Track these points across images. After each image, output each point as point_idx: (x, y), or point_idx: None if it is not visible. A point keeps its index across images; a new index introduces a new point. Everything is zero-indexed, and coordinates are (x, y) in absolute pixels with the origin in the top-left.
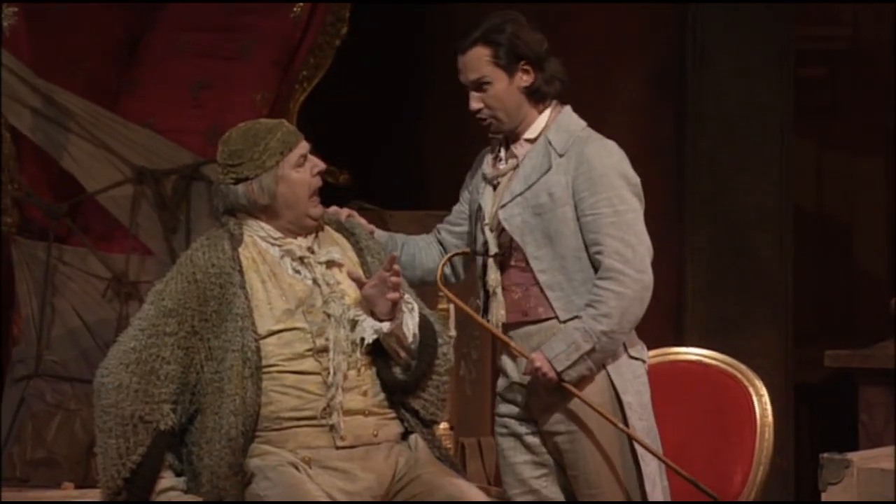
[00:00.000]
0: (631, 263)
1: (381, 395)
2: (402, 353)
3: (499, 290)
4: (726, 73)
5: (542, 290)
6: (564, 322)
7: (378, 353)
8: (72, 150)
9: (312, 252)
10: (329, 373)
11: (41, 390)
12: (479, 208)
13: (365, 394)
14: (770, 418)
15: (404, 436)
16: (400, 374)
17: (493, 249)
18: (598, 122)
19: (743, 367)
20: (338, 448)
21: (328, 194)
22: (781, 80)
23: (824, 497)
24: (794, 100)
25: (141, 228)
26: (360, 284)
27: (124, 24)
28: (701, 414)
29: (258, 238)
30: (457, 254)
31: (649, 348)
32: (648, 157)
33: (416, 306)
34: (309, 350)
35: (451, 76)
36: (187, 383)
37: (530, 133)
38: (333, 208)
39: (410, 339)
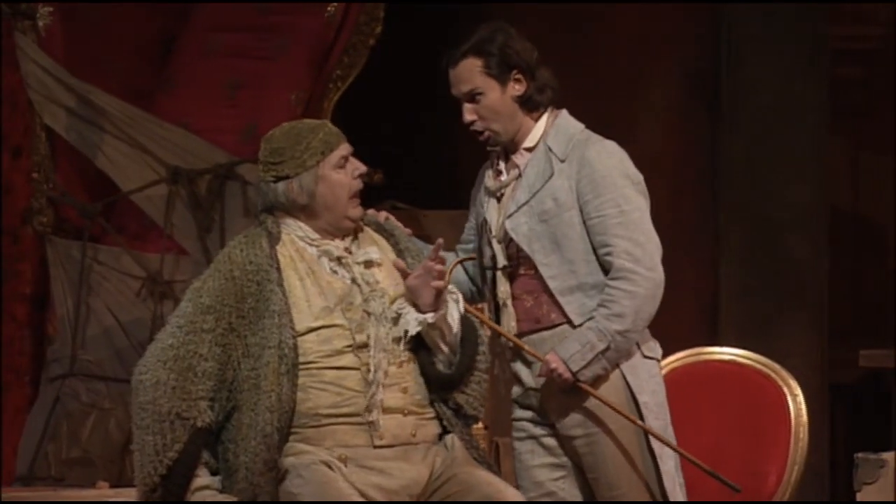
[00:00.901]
0: (641, 262)
1: (421, 394)
2: (445, 347)
3: (509, 302)
4: (760, 73)
5: (552, 296)
6: (578, 326)
7: (419, 349)
8: (107, 149)
9: (350, 252)
10: (370, 369)
11: (76, 389)
12: (485, 222)
13: (405, 391)
14: (805, 418)
15: (441, 436)
16: (443, 369)
17: (502, 261)
18: (631, 123)
19: (777, 366)
20: (375, 447)
21: (361, 193)
22: (816, 80)
23: (859, 497)
24: (829, 100)
25: (175, 228)
26: (404, 275)
27: (159, 24)
28: (735, 414)
29: (296, 237)
30: (462, 260)
31: (683, 348)
32: (682, 158)
33: (459, 296)
34: (348, 346)
35: None
36: (224, 380)
37: (528, 142)
38: (371, 211)
39: (455, 329)
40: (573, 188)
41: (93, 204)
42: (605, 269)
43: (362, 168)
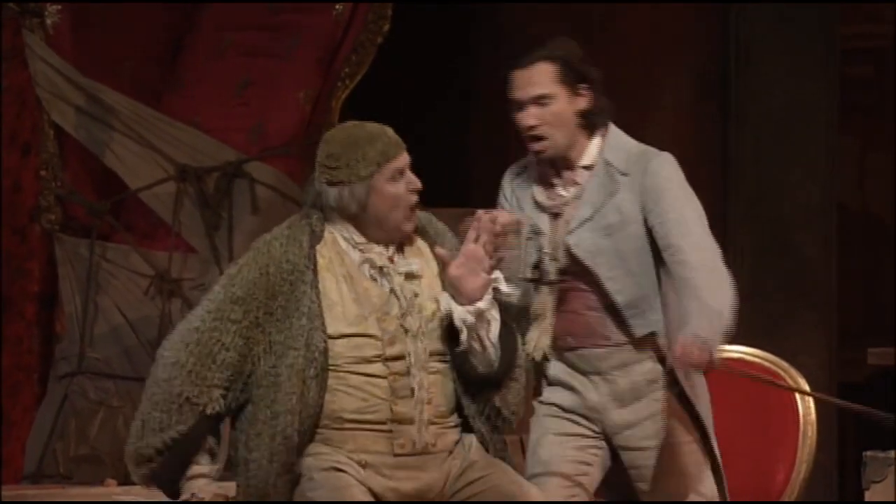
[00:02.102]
0: (714, 259)
1: (445, 405)
2: (488, 342)
3: (548, 315)
4: (771, 72)
5: (616, 311)
6: (641, 338)
7: (455, 357)
8: (115, 147)
9: (393, 262)
10: (413, 389)
11: (84, 387)
12: (534, 236)
13: (430, 402)
14: (813, 416)
15: (457, 441)
16: (483, 370)
17: (553, 276)
18: (643, 121)
19: (786, 364)
20: (396, 455)
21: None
22: (826, 80)
23: (868, 495)
24: (840, 98)
25: (183, 226)
26: (445, 265)
27: (167, 23)
28: (744, 412)
29: (341, 238)
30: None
31: None
32: (692, 156)
33: (501, 277)
34: (378, 356)
35: (493, 73)
36: (242, 372)
37: (586, 160)
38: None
39: (497, 317)
40: (636, 200)
41: (101, 202)
42: (672, 273)
43: (417, 183)
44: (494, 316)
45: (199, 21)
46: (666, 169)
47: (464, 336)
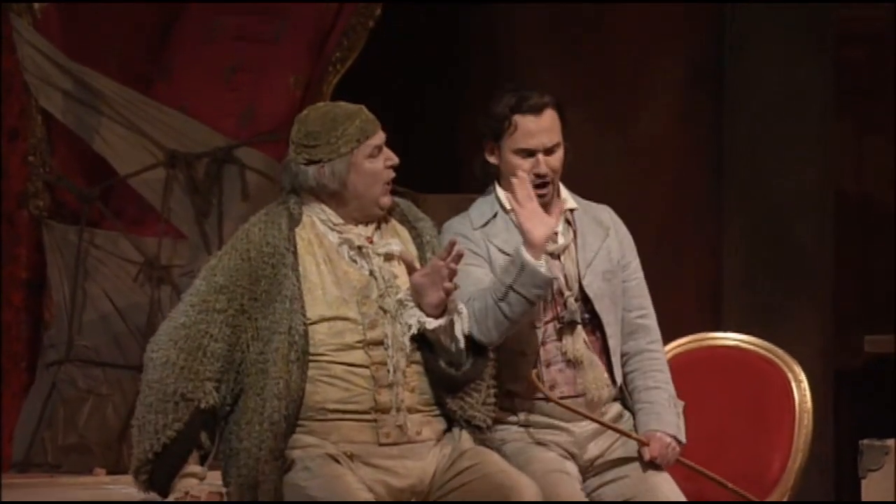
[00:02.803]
0: None
1: (428, 392)
2: (451, 348)
3: (593, 359)
4: (765, 56)
5: (609, 357)
6: (619, 387)
7: (423, 345)
8: (104, 133)
9: (372, 242)
10: (389, 370)
11: (72, 375)
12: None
13: (412, 390)
14: (809, 404)
15: (446, 431)
16: (446, 368)
17: (579, 318)
18: (636, 109)
19: (782, 352)
20: (381, 444)
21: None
22: (821, 63)
23: (864, 484)
24: (835, 82)
25: (173, 212)
26: (410, 270)
27: (157, 8)
28: (739, 400)
29: (318, 220)
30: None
31: (686, 334)
32: (687, 144)
33: (465, 311)
34: (359, 342)
35: (485, 58)
36: (232, 362)
37: (570, 203)
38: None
39: (461, 342)
40: (619, 249)
41: (90, 188)
42: (631, 330)
43: (394, 159)
44: (455, 335)
45: (189, 5)
46: (623, 223)
47: (430, 335)
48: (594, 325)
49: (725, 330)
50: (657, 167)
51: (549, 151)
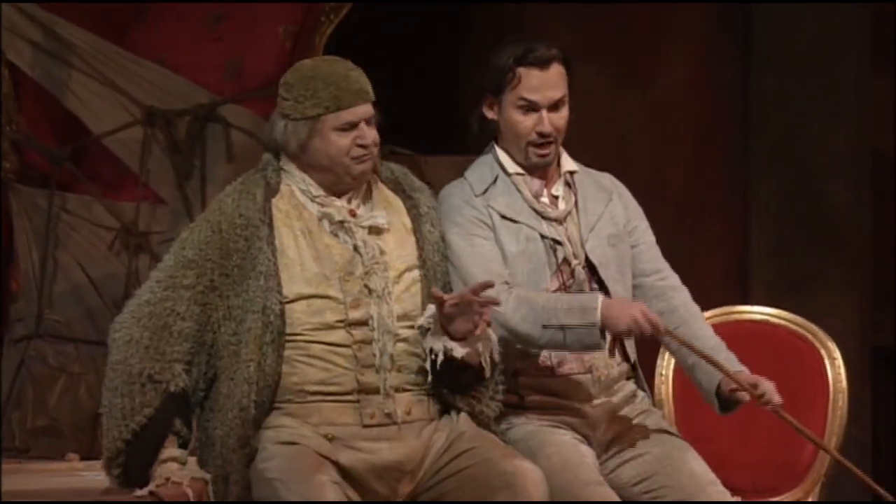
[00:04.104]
0: None
1: (416, 371)
2: (479, 369)
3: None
4: (796, 4)
5: None
6: (633, 364)
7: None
8: (76, 88)
9: (355, 215)
10: (375, 354)
11: (42, 352)
12: (551, 248)
13: (399, 370)
14: (844, 384)
15: (443, 413)
16: (461, 375)
17: (587, 287)
18: (653, 62)
19: (814, 327)
20: (365, 426)
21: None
22: (858, 11)
23: None
24: (872, 33)
25: (152, 174)
26: (440, 302)
27: None
28: (768, 378)
29: (298, 190)
30: None
31: (711, 308)
32: (710, 99)
33: (495, 337)
34: (340, 321)
35: (490, 8)
36: (203, 343)
37: (570, 165)
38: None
39: (489, 370)
40: (624, 213)
41: (61, 148)
42: (652, 292)
43: (367, 139)
44: (483, 364)
45: None
46: (626, 188)
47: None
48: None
49: (753, 303)
50: (678, 127)
51: (553, 108)
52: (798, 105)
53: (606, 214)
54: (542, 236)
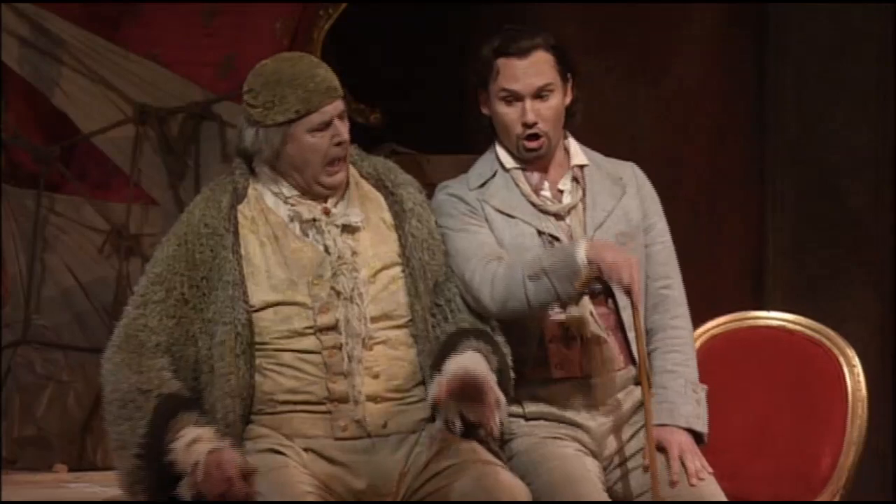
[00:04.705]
0: (685, 301)
1: (399, 378)
2: None
3: (601, 335)
4: None
5: (622, 331)
6: (637, 365)
7: (405, 320)
8: (65, 84)
9: (328, 214)
10: (344, 358)
11: (30, 359)
12: (547, 244)
13: (376, 376)
14: (864, 392)
15: (425, 421)
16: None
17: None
18: (666, 53)
19: (832, 333)
20: (337, 439)
21: (357, 136)
22: (877, 4)
23: None
24: (893, 26)
25: (143, 175)
26: (440, 401)
27: None
28: (784, 387)
29: (269, 192)
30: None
31: (726, 312)
32: (724, 94)
33: (503, 400)
34: (309, 328)
35: (494, 6)
36: (185, 358)
37: (579, 159)
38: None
39: (496, 432)
40: (640, 209)
41: (49, 147)
42: (650, 301)
43: (344, 136)
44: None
45: None
46: (649, 181)
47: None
48: (606, 296)
49: (769, 307)
50: (692, 122)
51: (538, 96)
52: (815, 101)
53: (618, 210)
54: (540, 232)
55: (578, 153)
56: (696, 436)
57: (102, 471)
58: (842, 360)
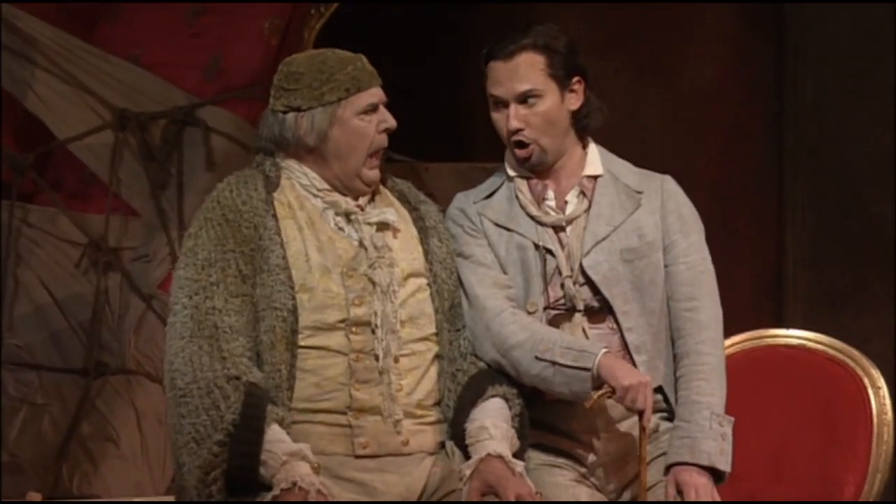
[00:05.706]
0: (720, 327)
1: (423, 394)
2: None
3: None
4: None
5: (628, 352)
6: (660, 386)
7: (439, 355)
8: (39, 88)
9: (362, 209)
10: (378, 355)
11: (2, 381)
12: (544, 260)
13: (399, 389)
14: (889, 416)
15: (443, 444)
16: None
17: (580, 302)
18: (681, 57)
19: (856, 352)
20: (357, 457)
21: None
22: None
23: None
24: None
25: (123, 184)
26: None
27: None
28: (805, 410)
29: (298, 185)
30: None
31: (743, 329)
32: (741, 99)
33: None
34: (341, 321)
35: (496, 8)
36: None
37: (591, 169)
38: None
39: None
40: (658, 225)
41: (23, 154)
42: (678, 324)
43: (391, 123)
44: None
45: None
46: (683, 194)
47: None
48: (608, 315)
49: (788, 323)
50: (704, 126)
51: (522, 101)
52: (834, 104)
53: (627, 225)
54: (536, 245)
55: (595, 162)
56: (718, 473)
57: (79, 499)
58: (866, 381)
